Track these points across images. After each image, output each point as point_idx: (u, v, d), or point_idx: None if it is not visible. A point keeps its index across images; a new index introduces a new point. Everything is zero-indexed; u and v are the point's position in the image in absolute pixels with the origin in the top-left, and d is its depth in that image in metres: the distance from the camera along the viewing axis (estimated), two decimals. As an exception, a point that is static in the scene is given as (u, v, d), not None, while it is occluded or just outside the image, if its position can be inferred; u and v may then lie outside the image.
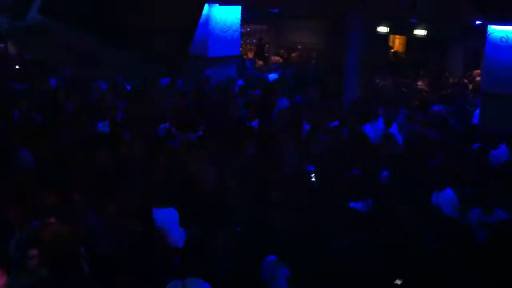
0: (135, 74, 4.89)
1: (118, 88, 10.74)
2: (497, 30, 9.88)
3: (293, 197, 5.67)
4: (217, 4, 12.44)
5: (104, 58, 3.06)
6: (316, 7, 11.82)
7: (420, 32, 16.84)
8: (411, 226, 5.07)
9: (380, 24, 17.70)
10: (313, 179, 6.58)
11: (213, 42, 12.48)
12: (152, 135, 7.97)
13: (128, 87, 11.08)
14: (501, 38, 9.87)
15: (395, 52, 19.21)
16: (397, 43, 19.76)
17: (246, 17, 14.89)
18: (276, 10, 15.42)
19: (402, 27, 17.69)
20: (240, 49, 15.44)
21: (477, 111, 10.57)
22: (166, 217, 5.21)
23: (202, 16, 12.18)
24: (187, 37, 3.27)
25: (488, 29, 9.96)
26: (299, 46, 19.11)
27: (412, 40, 18.24)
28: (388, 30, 18.15)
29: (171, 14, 3.12)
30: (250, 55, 18.52)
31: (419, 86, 14.41)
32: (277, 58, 17.55)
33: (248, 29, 20.10)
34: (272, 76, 13.76)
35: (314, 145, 8.04)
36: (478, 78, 13.12)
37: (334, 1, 11.16)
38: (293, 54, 18.61)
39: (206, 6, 12.36)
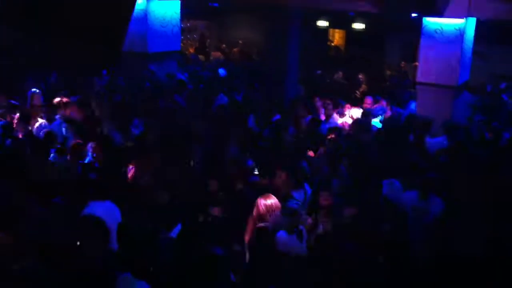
0: (67, 68, 4.71)
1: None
2: (431, 23, 10.18)
3: (234, 190, 5.65)
4: (156, -1, 12.22)
5: (36, 52, 2.94)
6: (255, 1, 11.82)
7: (358, 26, 17.17)
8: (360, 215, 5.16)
9: (319, 18, 17.93)
10: (256, 173, 6.57)
11: (153, 38, 12.24)
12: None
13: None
14: (435, 30, 10.18)
15: (335, 46, 19.51)
16: (337, 37, 20.07)
17: (186, 12, 14.69)
18: (216, 4, 15.30)
19: (341, 21, 17.98)
20: (181, 44, 15.25)
21: (413, 102, 10.90)
22: (105, 211, 5.04)
23: (141, 11, 12.10)
24: (120, 31, 3.17)
25: (423, 21, 10.24)
26: (240, 41, 19.08)
27: (351, 34, 18.57)
28: (327, 24, 18.41)
29: (103, 9, 3.03)
30: (191, 50, 18.32)
31: (359, 79, 14.69)
32: (218, 53, 17.43)
33: (188, 25, 19.88)
34: (221, 71, 13.65)
35: (258, 140, 8.02)
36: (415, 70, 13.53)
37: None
38: (235, 49, 18.56)
39: (144, 1, 12.10)
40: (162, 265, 4.20)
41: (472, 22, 10.39)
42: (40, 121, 8.18)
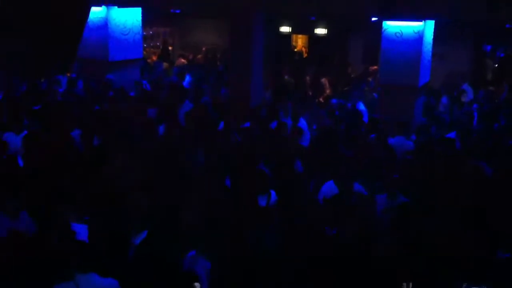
0: (20, 71, 4.61)
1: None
2: (391, 26, 10.37)
3: (204, 193, 5.62)
4: (116, 7, 12.05)
5: None
6: (218, 6, 11.81)
7: (321, 30, 17.37)
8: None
9: (282, 25, 18.05)
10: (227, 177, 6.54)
11: (114, 46, 12.08)
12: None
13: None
14: (395, 33, 10.37)
15: (298, 51, 19.67)
16: (300, 42, 20.25)
17: (148, 20, 14.56)
18: (178, 11, 15.21)
19: (303, 27, 18.15)
20: (144, 52, 15.10)
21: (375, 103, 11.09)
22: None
23: (101, 19, 11.94)
24: (74, 37, 3.10)
25: (383, 25, 10.43)
26: (204, 48, 19.03)
27: (314, 39, 18.76)
28: (290, 30, 18.56)
29: (56, 13, 2.97)
30: (155, 58, 18.16)
31: (322, 82, 14.84)
32: (182, 60, 17.34)
33: (151, 32, 19.72)
34: (188, 78, 13.56)
35: (227, 145, 7.99)
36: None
37: (236, 1, 11.18)
38: (199, 56, 18.50)
39: (104, 8, 11.95)
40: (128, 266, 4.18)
41: (430, 25, 10.64)
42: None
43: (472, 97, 12.75)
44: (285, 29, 18.13)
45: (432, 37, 10.90)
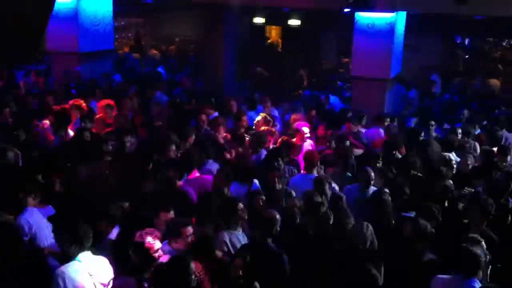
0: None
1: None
2: (363, 17, 10.42)
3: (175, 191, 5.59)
4: (86, -4, 11.82)
5: None
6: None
7: (294, 22, 17.33)
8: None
9: (256, 15, 17.96)
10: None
11: (84, 37, 11.83)
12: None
13: None
14: (367, 25, 10.42)
15: (271, 43, 19.62)
16: (274, 33, 20.19)
17: (120, 10, 14.33)
18: (149, 1, 15.00)
19: (277, 18, 18.09)
20: (116, 43, 14.87)
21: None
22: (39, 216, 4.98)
23: (71, 9, 11.68)
24: (36, 28, 3.02)
25: (356, 16, 10.46)
26: (177, 39, 18.85)
27: (287, 30, 18.72)
28: (264, 21, 18.47)
29: (17, 4, 2.89)
30: (126, 49, 17.92)
31: (301, 74, 14.85)
32: (154, 51, 17.15)
33: (123, 23, 19.42)
34: (160, 69, 13.42)
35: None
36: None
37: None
38: (171, 47, 18.32)
39: (74, -2, 11.69)
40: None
41: (402, 16, 10.73)
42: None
43: (439, 89, 12.94)
44: (258, 20, 18.05)
45: (403, 28, 10.99)
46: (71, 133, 7.66)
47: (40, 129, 7.79)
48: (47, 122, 7.86)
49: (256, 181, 6.18)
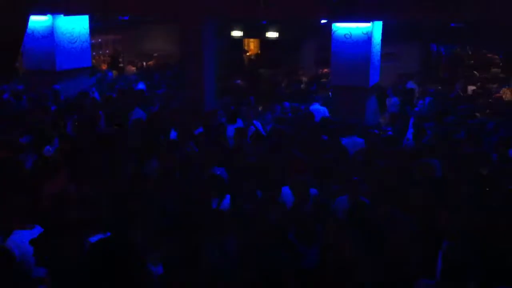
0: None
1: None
2: (340, 28, 10.51)
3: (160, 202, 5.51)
4: (62, 15, 11.74)
5: None
6: (166, 12, 11.69)
7: (272, 34, 17.43)
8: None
9: (234, 29, 18.02)
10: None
11: (61, 55, 11.76)
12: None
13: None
14: (344, 35, 10.52)
15: (249, 56, 19.71)
16: (252, 46, 20.29)
17: (96, 27, 14.26)
18: (126, 18, 14.96)
19: (255, 31, 18.19)
20: (93, 60, 14.79)
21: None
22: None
23: (47, 28, 11.59)
24: (10, 47, 2.97)
25: (333, 27, 10.55)
26: (155, 54, 18.81)
27: (266, 42, 18.82)
28: (242, 34, 18.55)
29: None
30: (104, 66, 17.81)
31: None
32: (132, 67, 17.08)
33: (100, 40, 19.32)
34: (140, 85, 13.33)
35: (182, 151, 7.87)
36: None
37: (186, 6, 11.08)
38: (150, 62, 18.28)
39: (50, 17, 11.62)
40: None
41: (378, 25, 10.84)
42: None
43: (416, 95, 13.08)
44: (237, 33, 18.12)
45: (380, 37, 11.11)
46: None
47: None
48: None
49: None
